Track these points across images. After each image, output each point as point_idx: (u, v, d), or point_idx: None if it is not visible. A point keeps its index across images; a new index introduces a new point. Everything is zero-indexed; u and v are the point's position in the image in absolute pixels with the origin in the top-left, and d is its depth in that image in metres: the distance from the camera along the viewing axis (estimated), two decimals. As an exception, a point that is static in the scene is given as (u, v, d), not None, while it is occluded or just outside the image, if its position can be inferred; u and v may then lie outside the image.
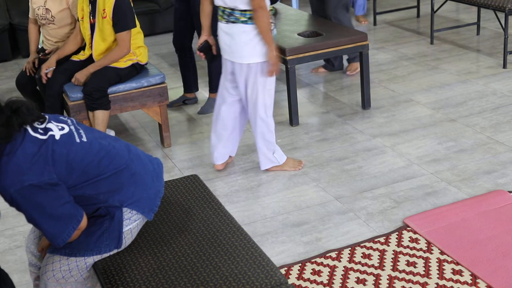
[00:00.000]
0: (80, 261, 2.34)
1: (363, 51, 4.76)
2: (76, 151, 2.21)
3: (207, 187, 2.88)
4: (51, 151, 2.14)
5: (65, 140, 2.20)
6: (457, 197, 3.62)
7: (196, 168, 4.20)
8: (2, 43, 6.86)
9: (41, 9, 4.58)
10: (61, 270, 2.33)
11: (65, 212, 2.18)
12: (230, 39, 3.68)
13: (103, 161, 2.28)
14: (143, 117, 5.10)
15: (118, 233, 2.35)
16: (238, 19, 3.61)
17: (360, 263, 3.10)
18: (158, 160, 2.57)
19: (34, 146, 2.12)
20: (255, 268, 2.31)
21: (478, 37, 6.50)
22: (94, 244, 2.32)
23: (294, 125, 4.73)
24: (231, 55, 3.74)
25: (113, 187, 2.31)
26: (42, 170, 2.11)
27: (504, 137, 4.28)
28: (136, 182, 2.37)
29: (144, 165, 2.44)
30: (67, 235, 2.21)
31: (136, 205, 2.37)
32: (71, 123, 2.30)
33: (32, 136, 2.14)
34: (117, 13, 4.18)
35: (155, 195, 2.45)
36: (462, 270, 2.99)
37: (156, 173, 2.49)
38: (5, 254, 3.42)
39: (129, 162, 2.36)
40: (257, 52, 3.66)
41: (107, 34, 4.25)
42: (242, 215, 3.61)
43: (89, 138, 2.28)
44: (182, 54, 5.21)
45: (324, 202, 3.68)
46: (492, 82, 5.27)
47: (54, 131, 2.20)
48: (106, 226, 2.32)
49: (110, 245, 2.35)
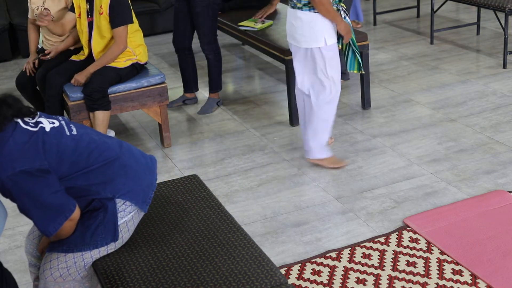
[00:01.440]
0: (77, 257, 2.36)
1: (363, 51, 4.75)
2: (66, 143, 2.26)
3: (207, 187, 2.88)
4: (41, 141, 2.20)
5: (55, 133, 2.26)
6: (457, 197, 3.62)
7: (196, 168, 4.20)
8: (2, 43, 6.86)
9: (39, 9, 4.58)
10: (59, 268, 2.35)
11: (56, 200, 2.21)
12: (290, 24, 3.90)
13: (93, 153, 2.32)
14: (143, 117, 5.10)
15: (114, 225, 2.37)
16: (296, 5, 3.78)
17: (360, 263, 3.10)
18: (153, 156, 2.61)
19: (25, 136, 2.18)
20: (255, 268, 2.31)
21: (478, 37, 6.50)
22: (90, 238, 2.35)
23: (294, 125, 4.73)
24: (290, 38, 3.94)
25: (104, 178, 2.34)
26: (33, 157, 2.16)
27: (504, 137, 4.28)
28: (127, 173, 2.40)
29: (136, 159, 2.47)
30: (59, 223, 2.24)
31: (129, 195, 2.40)
32: (62, 119, 2.36)
33: (23, 128, 2.20)
34: (114, 8, 4.18)
35: (147, 187, 2.48)
36: (462, 270, 2.99)
37: (149, 166, 2.52)
38: (5, 254, 3.42)
39: (120, 155, 2.40)
40: (310, 38, 3.78)
41: (104, 31, 4.25)
42: (242, 215, 3.61)
43: (79, 132, 2.34)
44: (182, 54, 5.21)
45: (324, 202, 3.68)
46: (492, 82, 5.27)
47: (45, 124, 2.26)
48: (100, 218, 2.35)
49: (107, 238, 2.37)
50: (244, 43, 6.31)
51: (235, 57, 6.58)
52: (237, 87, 5.72)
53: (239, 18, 5.53)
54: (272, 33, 5.02)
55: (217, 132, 4.76)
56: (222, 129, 4.79)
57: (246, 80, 5.89)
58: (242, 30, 5.18)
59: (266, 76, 5.93)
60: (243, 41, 5.43)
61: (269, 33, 5.00)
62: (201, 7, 4.88)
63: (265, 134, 4.65)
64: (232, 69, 6.21)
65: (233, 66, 6.30)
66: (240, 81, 5.87)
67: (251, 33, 5.09)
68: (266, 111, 5.08)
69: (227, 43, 6.95)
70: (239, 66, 6.32)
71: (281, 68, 5.96)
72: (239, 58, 6.56)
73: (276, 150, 4.37)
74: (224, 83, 5.72)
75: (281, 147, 4.42)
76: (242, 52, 6.75)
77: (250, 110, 5.12)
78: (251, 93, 5.50)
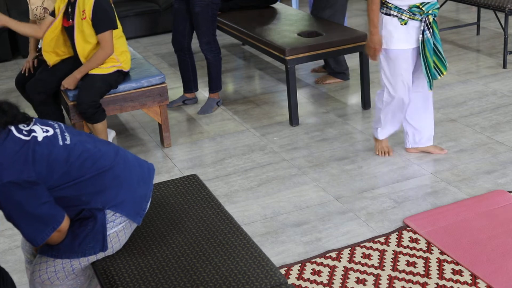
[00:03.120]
0: (66, 264, 2.35)
1: (363, 51, 4.76)
2: (58, 153, 2.22)
3: (206, 187, 2.88)
4: (32, 151, 2.16)
5: (48, 142, 2.22)
6: (457, 197, 3.62)
7: (196, 168, 4.20)
8: (2, 43, 6.86)
9: (39, 9, 4.58)
10: (47, 271, 2.34)
11: (44, 211, 2.19)
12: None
13: (86, 163, 2.28)
14: (143, 117, 5.10)
15: (102, 236, 2.34)
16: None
17: (360, 263, 3.09)
18: (151, 165, 2.56)
19: (16, 145, 2.15)
20: (254, 268, 2.31)
21: (478, 37, 6.50)
22: (78, 247, 2.32)
23: (294, 125, 4.73)
24: None
25: (96, 189, 2.31)
26: (21, 168, 2.13)
27: (504, 137, 4.28)
28: (120, 184, 2.36)
29: (131, 168, 2.42)
30: (46, 234, 2.22)
31: (120, 207, 2.36)
32: (57, 127, 2.31)
33: (15, 136, 2.17)
34: (97, 13, 4.06)
35: (141, 198, 2.44)
36: (462, 270, 2.99)
37: (144, 177, 2.47)
38: (5, 254, 3.42)
39: (113, 165, 2.35)
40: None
41: (88, 35, 4.13)
42: (242, 215, 3.60)
43: (73, 141, 2.29)
44: (182, 54, 5.21)
45: (324, 202, 3.68)
46: (492, 82, 5.27)
47: (38, 133, 2.22)
48: (90, 228, 2.32)
49: (95, 248, 2.35)
50: (244, 43, 6.31)
51: (235, 57, 6.58)
52: (237, 87, 5.72)
53: (239, 18, 5.54)
54: (272, 33, 5.02)
55: (217, 132, 4.76)
56: (222, 129, 4.79)
57: (246, 80, 5.89)
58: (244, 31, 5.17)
59: (266, 76, 5.93)
60: (243, 41, 5.43)
61: (269, 33, 5.00)
62: (200, 7, 4.88)
63: (265, 134, 4.65)
64: (232, 69, 6.21)
65: (233, 66, 6.30)
66: (240, 81, 5.87)
67: (251, 33, 5.09)
68: (266, 111, 5.08)
69: (227, 43, 6.95)
70: (239, 66, 6.32)
71: (281, 68, 5.96)
72: (239, 58, 6.56)
73: (276, 150, 4.37)
74: (224, 83, 5.72)
75: (281, 147, 4.42)
76: (242, 52, 6.75)
77: (250, 110, 5.12)
78: (251, 93, 5.50)
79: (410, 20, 3.71)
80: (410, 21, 3.71)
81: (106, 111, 4.26)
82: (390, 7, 3.74)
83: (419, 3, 3.69)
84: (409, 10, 3.70)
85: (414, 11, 3.70)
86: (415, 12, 3.69)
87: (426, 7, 3.69)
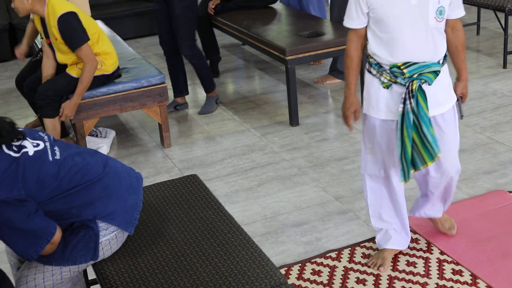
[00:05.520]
0: (55, 270, 2.33)
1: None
2: (48, 169, 2.21)
3: (206, 187, 2.88)
4: (22, 167, 2.14)
5: (38, 157, 2.20)
6: (457, 197, 3.62)
7: (196, 168, 4.20)
8: (2, 43, 6.86)
9: None
10: (35, 277, 2.32)
11: (35, 225, 2.17)
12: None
13: (75, 177, 2.27)
14: (143, 117, 5.10)
15: (94, 244, 2.33)
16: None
17: (360, 263, 3.09)
18: (139, 174, 2.55)
19: (5, 163, 2.13)
20: (254, 268, 2.31)
21: (478, 37, 6.50)
22: (69, 254, 2.31)
23: (294, 125, 4.73)
24: None
25: (85, 201, 2.29)
26: (11, 186, 2.11)
27: (504, 137, 4.28)
28: (110, 195, 2.35)
29: (120, 178, 2.41)
30: (40, 247, 2.20)
31: (110, 218, 2.35)
32: (47, 140, 2.30)
33: (5, 153, 2.14)
34: (65, 33, 4.00)
35: (131, 208, 2.43)
36: (462, 270, 2.98)
37: (133, 186, 2.46)
38: (5, 254, 3.42)
39: (102, 176, 2.34)
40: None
41: (65, 51, 4.11)
42: (242, 215, 3.60)
43: (62, 156, 2.28)
44: (171, 56, 5.13)
45: (324, 202, 3.68)
46: (492, 82, 5.27)
47: (28, 148, 2.20)
48: (81, 235, 2.31)
49: (86, 256, 2.33)
50: (244, 43, 6.31)
51: (235, 57, 6.58)
52: (237, 87, 5.72)
53: (239, 18, 5.54)
54: (272, 33, 5.02)
55: (217, 132, 4.75)
56: (222, 129, 4.79)
57: (246, 80, 5.89)
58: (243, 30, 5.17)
59: (266, 76, 5.93)
60: (243, 41, 5.42)
61: (269, 33, 5.00)
62: (180, 9, 4.79)
63: (265, 134, 4.65)
64: (232, 69, 6.21)
65: (233, 66, 6.30)
66: (240, 81, 5.87)
67: (251, 33, 5.09)
68: (266, 111, 5.08)
69: (227, 43, 6.95)
70: (239, 66, 6.32)
71: (281, 68, 5.96)
72: (239, 58, 6.56)
73: (276, 150, 4.37)
74: (224, 83, 5.72)
75: (281, 147, 4.42)
76: (242, 52, 6.75)
77: (250, 110, 5.12)
78: (251, 93, 5.50)
79: (393, 84, 2.76)
80: (393, 85, 2.76)
81: (106, 111, 4.26)
82: (371, 63, 2.85)
83: (401, 62, 2.71)
84: (390, 71, 2.75)
85: (394, 72, 2.73)
86: (396, 73, 2.72)
87: (409, 69, 2.69)
